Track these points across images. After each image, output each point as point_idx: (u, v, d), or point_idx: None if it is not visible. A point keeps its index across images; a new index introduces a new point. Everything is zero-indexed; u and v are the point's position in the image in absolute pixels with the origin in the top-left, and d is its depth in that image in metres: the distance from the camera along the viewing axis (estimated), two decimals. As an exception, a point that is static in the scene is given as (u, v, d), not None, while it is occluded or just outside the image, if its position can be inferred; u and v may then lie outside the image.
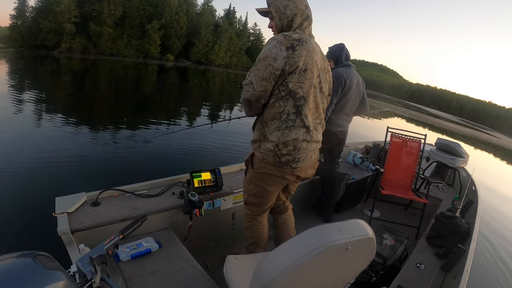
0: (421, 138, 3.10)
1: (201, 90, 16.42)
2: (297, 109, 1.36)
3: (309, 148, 1.43)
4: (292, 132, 1.37)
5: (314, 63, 1.36)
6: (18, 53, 27.87)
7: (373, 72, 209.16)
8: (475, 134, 28.83)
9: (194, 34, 45.23)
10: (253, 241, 1.72)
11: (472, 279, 1.64)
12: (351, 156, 3.46)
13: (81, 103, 8.86)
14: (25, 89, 9.52)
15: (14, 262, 0.59)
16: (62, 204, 1.54)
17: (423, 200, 2.70)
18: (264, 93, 1.36)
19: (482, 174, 6.64)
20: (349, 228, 0.84)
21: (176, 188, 1.96)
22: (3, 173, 3.56)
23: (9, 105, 6.81)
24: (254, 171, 1.51)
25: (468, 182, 3.25)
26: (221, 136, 6.98)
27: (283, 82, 1.33)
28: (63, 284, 0.59)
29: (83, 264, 0.78)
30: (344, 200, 2.96)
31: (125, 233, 0.98)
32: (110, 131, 6.15)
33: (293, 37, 1.31)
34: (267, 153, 1.41)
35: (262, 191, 1.54)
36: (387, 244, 2.03)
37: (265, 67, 1.30)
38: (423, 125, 20.80)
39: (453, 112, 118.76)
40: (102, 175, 3.91)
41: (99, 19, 36.04)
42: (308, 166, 1.49)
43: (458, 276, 1.56)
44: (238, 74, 36.32)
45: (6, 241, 2.38)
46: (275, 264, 0.80)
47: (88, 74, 17.57)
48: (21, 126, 5.50)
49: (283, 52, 1.28)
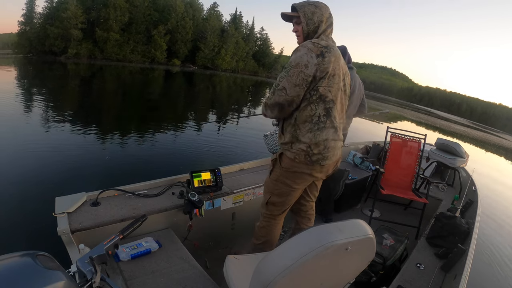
0: (421, 138, 3.09)
1: (208, 95, 16.40)
2: (327, 112, 1.44)
3: (336, 146, 1.51)
4: (323, 133, 1.44)
5: (341, 68, 1.46)
6: (27, 59, 28.31)
7: (382, 75, 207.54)
8: (485, 136, 28.54)
9: (200, 39, 45.44)
10: (266, 240, 1.74)
11: (472, 279, 1.63)
12: (351, 156, 3.46)
13: (83, 106, 8.89)
14: (30, 92, 9.58)
15: (14, 262, 0.59)
16: (62, 204, 1.54)
17: (423, 200, 2.69)
18: (297, 98, 1.43)
19: (482, 174, 6.65)
20: (349, 228, 0.85)
21: (176, 188, 1.96)
22: (3, 173, 3.56)
23: (13, 108, 6.84)
24: (283, 170, 1.55)
25: (468, 182, 3.25)
26: (221, 136, 6.99)
27: (314, 87, 1.40)
28: (63, 284, 0.59)
29: (83, 264, 0.78)
30: (344, 200, 2.96)
31: (125, 233, 0.98)
32: (110, 131, 6.15)
33: (322, 44, 1.39)
34: (299, 153, 1.46)
35: (288, 190, 1.58)
36: (387, 244, 2.03)
37: (298, 74, 1.38)
38: (433, 129, 20.55)
39: (463, 115, 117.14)
40: (102, 175, 3.91)
41: (105, 25, 36.40)
42: (333, 163, 1.56)
43: (458, 276, 1.56)
44: (245, 79, 36.38)
45: (6, 241, 2.38)
46: (275, 264, 0.80)
47: (93, 79, 17.65)
48: (22, 127, 5.51)
49: (314, 59, 1.36)
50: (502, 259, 3.66)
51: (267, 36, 59.68)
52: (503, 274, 3.34)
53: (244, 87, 27.61)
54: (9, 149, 4.38)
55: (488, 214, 5.06)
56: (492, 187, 7.54)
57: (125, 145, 5.37)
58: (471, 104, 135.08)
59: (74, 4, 33.84)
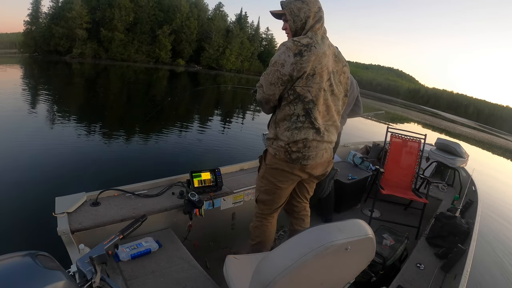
0: (421, 138, 3.10)
1: (213, 95, 16.35)
2: (306, 112, 1.40)
3: (319, 147, 1.46)
4: (301, 132, 1.41)
5: (324, 67, 1.38)
6: (32, 58, 28.45)
7: (389, 76, 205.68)
8: (491, 139, 28.26)
9: (205, 39, 45.40)
10: (260, 240, 1.73)
11: (472, 279, 1.64)
12: (351, 156, 3.46)
13: (84, 106, 8.88)
14: (32, 93, 9.57)
15: (14, 262, 0.59)
16: (62, 204, 1.54)
17: (423, 200, 2.70)
18: (273, 97, 1.41)
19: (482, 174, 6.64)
20: (349, 228, 0.85)
21: (176, 188, 1.96)
22: (4, 173, 3.56)
23: (13, 108, 6.84)
24: (267, 166, 1.54)
25: (468, 182, 3.25)
26: (221, 136, 6.99)
27: (292, 87, 1.37)
28: (63, 284, 0.59)
29: (83, 264, 0.78)
30: (344, 200, 2.96)
31: (125, 233, 0.98)
32: (110, 132, 6.15)
33: (302, 42, 1.33)
34: (279, 149, 1.45)
35: (273, 188, 1.57)
36: (387, 244, 2.03)
37: (274, 72, 1.36)
38: (439, 131, 20.36)
39: (470, 117, 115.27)
40: (102, 175, 3.91)
41: (110, 25, 36.51)
42: (320, 164, 1.52)
43: (458, 276, 1.56)
44: (250, 79, 36.27)
45: (6, 241, 2.38)
46: (275, 264, 0.80)
47: (97, 79, 17.65)
48: (22, 127, 5.50)
49: (291, 58, 1.32)
50: (502, 259, 3.66)
51: (272, 36, 59.83)
52: (503, 274, 3.34)
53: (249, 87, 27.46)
54: (9, 149, 4.38)
55: (488, 214, 5.05)
56: (492, 187, 7.54)
57: (125, 145, 5.37)
58: (478, 106, 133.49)
59: (79, 4, 34.02)
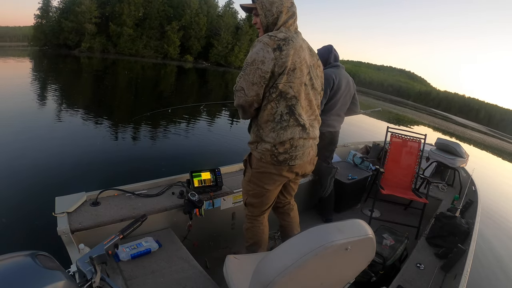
0: (421, 138, 3.10)
1: (220, 93, 16.29)
2: (289, 109, 1.36)
3: (306, 145, 1.44)
4: (287, 132, 1.37)
5: (303, 61, 1.35)
6: (42, 52, 28.60)
7: (400, 78, 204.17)
8: (501, 144, 28.05)
9: (214, 36, 45.05)
10: (253, 241, 1.72)
11: (472, 279, 1.64)
12: (351, 156, 3.46)
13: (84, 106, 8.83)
14: (35, 89, 9.48)
15: (14, 262, 0.59)
16: (62, 204, 1.54)
17: (423, 200, 2.70)
18: (257, 98, 1.34)
19: (482, 174, 6.65)
20: (349, 228, 0.85)
21: (176, 188, 1.96)
22: (4, 173, 3.56)
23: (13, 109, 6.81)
24: (253, 171, 1.51)
25: (468, 182, 3.25)
26: (221, 136, 6.98)
27: (274, 84, 1.32)
28: (63, 284, 0.59)
29: (83, 264, 0.78)
30: (344, 200, 2.96)
31: (125, 233, 0.98)
32: (110, 131, 6.15)
33: (279, 37, 1.29)
34: (264, 153, 1.41)
35: (261, 191, 1.54)
36: (387, 244, 2.03)
37: (254, 71, 1.29)
38: (449, 135, 20.35)
39: (481, 121, 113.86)
40: (102, 175, 3.91)
41: (119, 19, 36.45)
42: (307, 162, 1.50)
43: (458, 276, 1.56)
44: None
45: (6, 241, 2.38)
46: (275, 264, 0.80)
47: (105, 74, 17.57)
48: (22, 126, 5.50)
49: (271, 54, 1.27)
50: (502, 259, 3.66)
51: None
52: (503, 274, 3.34)
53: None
54: (10, 148, 4.38)
55: (488, 214, 5.06)
56: (492, 187, 7.54)
57: (125, 145, 5.37)
58: (490, 110, 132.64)
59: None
